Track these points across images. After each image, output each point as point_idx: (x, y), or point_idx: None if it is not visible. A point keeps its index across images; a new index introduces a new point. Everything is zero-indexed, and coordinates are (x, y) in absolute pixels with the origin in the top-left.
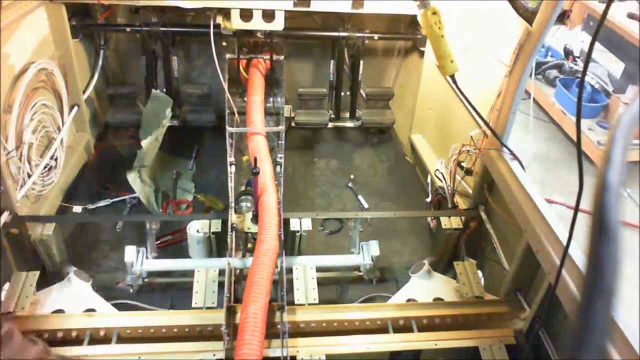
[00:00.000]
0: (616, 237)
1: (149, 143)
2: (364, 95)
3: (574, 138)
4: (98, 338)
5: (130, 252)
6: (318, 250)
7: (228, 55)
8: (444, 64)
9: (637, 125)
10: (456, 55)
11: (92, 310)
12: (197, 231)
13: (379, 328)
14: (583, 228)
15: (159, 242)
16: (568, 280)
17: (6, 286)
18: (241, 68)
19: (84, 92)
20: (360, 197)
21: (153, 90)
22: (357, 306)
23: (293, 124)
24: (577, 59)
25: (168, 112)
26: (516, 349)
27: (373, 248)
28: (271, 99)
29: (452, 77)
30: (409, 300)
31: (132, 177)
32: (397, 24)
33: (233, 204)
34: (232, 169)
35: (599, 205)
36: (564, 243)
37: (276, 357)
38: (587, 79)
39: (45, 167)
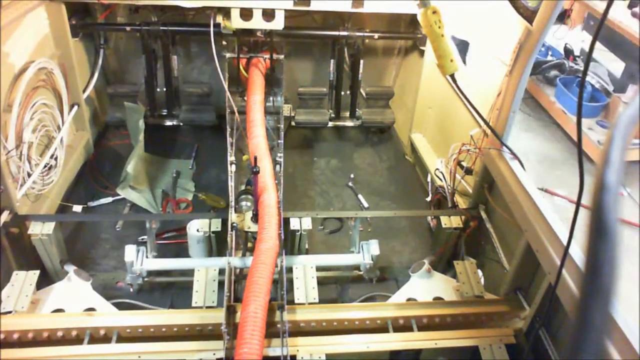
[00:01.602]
0: (614, 237)
1: (134, 165)
2: (364, 94)
3: (575, 137)
4: (98, 337)
5: (130, 251)
6: (318, 249)
7: (228, 55)
8: (443, 63)
9: (636, 125)
10: (456, 55)
11: (92, 309)
12: (197, 230)
13: (379, 327)
14: (583, 227)
15: (163, 237)
16: (568, 280)
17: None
18: (241, 67)
19: (83, 91)
20: (360, 196)
21: (125, 103)
22: (357, 305)
23: (293, 123)
24: (577, 58)
25: (141, 124)
26: (516, 348)
27: (373, 247)
28: (271, 98)
29: (452, 76)
30: (409, 299)
31: (123, 192)
32: (397, 23)
33: (233, 203)
34: (232, 168)
35: (597, 205)
36: (564, 242)
37: (276, 357)
38: (587, 78)
39: (45, 166)
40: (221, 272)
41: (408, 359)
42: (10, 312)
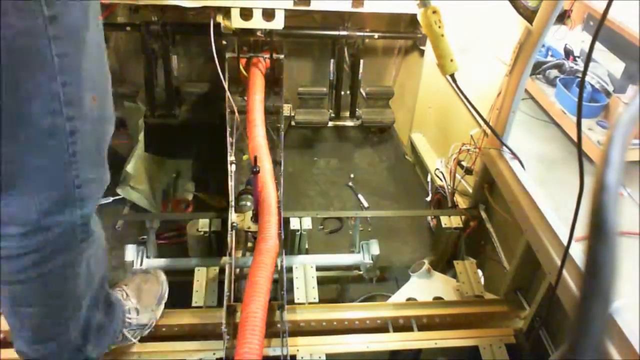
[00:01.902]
0: (614, 238)
1: (134, 164)
2: (364, 94)
3: (574, 138)
4: None
5: (130, 251)
6: (318, 249)
7: (228, 54)
8: (443, 63)
9: (636, 125)
10: (456, 54)
11: None
12: (197, 230)
13: (379, 327)
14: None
15: (163, 237)
16: (568, 280)
17: None
18: (241, 67)
19: None
20: (360, 196)
21: (125, 103)
22: (357, 305)
23: (293, 123)
24: (577, 58)
25: (141, 123)
26: (516, 348)
27: (373, 247)
28: (271, 98)
29: (452, 76)
30: (408, 299)
31: (123, 192)
32: (397, 22)
33: (233, 203)
34: (232, 168)
35: (596, 206)
36: (564, 242)
37: (276, 356)
38: (587, 78)
39: None
40: (221, 272)
41: (408, 359)
42: None
